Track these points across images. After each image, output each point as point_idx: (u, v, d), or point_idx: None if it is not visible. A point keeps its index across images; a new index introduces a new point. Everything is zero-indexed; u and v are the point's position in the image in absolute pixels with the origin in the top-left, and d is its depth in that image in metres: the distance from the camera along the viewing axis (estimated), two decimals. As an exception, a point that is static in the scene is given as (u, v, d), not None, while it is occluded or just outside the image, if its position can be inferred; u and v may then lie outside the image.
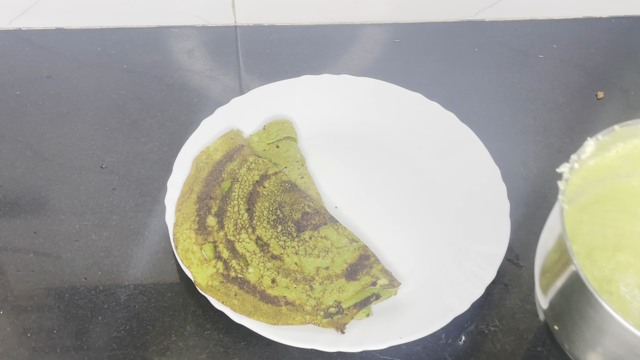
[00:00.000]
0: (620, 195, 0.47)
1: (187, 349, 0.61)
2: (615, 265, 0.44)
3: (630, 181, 0.47)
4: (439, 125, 0.79)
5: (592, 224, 0.46)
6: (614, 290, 0.43)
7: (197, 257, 0.65)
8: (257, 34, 0.95)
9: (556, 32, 0.98)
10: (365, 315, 0.63)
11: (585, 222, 0.46)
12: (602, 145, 0.45)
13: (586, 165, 0.45)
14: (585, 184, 0.46)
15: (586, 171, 0.45)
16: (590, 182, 0.46)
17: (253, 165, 0.73)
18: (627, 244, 0.45)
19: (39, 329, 0.62)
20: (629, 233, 0.45)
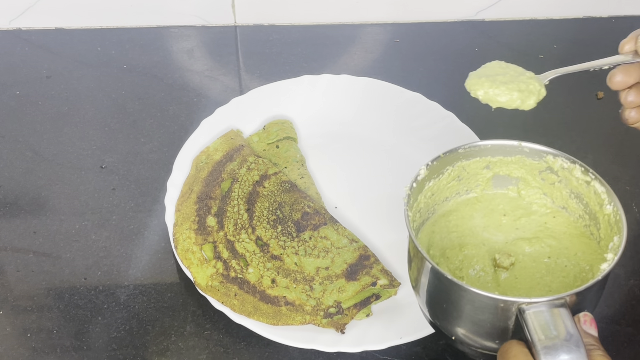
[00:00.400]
0: (459, 207, 0.59)
1: (187, 349, 0.61)
2: (463, 258, 0.56)
3: (468, 196, 0.60)
4: (439, 125, 0.79)
5: (441, 232, 0.58)
6: (464, 275, 0.55)
7: (197, 257, 0.65)
8: (257, 34, 0.95)
9: (556, 32, 0.98)
10: (365, 315, 0.63)
11: (437, 232, 0.58)
12: (434, 169, 0.56)
13: (427, 186, 0.56)
14: (435, 203, 0.58)
15: (430, 191, 0.56)
16: (439, 202, 0.58)
17: (253, 165, 0.73)
18: (469, 241, 0.57)
19: (38, 329, 0.62)
20: (467, 232, 0.57)
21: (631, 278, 0.68)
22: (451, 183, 0.58)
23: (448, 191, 0.59)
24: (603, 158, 0.80)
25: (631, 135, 0.83)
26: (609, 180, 0.77)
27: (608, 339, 0.62)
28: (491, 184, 0.60)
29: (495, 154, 0.58)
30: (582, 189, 0.55)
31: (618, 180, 0.76)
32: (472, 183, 0.59)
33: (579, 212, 0.57)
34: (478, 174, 0.59)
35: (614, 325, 0.63)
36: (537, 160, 0.57)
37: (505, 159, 0.58)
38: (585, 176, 0.55)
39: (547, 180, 0.58)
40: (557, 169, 0.57)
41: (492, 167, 0.58)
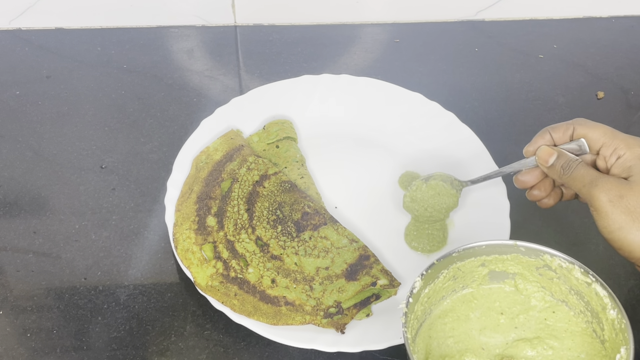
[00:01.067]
0: (455, 306, 0.58)
1: (187, 349, 0.61)
2: None
3: (464, 292, 0.59)
4: (439, 125, 0.79)
5: (438, 337, 0.56)
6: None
7: (197, 257, 0.65)
8: (257, 34, 0.95)
9: (556, 32, 0.98)
10: (365, 315, 0.63)
11: (433, 337, 0.56)
12: (428, 277, 0.55)
13: (423, 294, 0.55)
14: (431, 305, 0.57)
15: (426, 297, 0.55)
16: (435, 302, 0.57)
17: (253, 165, 0.73)
18: (467, 347, 0.55)
19: (38, 329, 0.62)
20: (464, 337, 0.56)
21: (631, 278, 0.68)
22: (447, 283, 0.57)
23: (444, 291, 0.58)
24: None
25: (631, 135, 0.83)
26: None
27: (608, 339, 0.62)
28: (487, 279, 0.59)
29: (490, 253, 0.57)
30: (583, 288, 0.55)
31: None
32: (467, 279, 0.58)
33: (580, 307, 0.56)
34: (474, 271, 0.58)
35: (614, 325, 0.63)
36: (533, 258, 0.56)
37: (500, 257, 0.57)
38: (586, 277, 0.54)
39: (545, 275, 0.57)
40: (555, 267, 0.56)
41: (488, 264, 0.58)
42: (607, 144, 0.60)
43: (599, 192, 0.56)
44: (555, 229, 0.72)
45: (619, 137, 0.59)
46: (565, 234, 0.71)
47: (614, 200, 0.55)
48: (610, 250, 0.67)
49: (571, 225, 0.72)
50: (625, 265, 0.68)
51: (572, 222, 0.72)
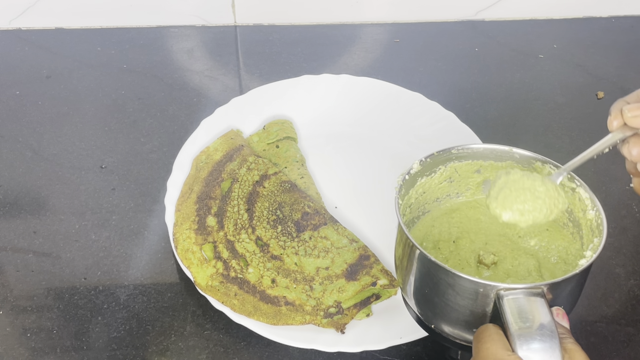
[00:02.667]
0: (460, 208, 0.60)
1: (187, 349, 0.61)
2: (453, 248, 0.58)
3: (460, 200, 0.61)
4: (439, 125, 0.78)
5: (441, 227, 0.59)
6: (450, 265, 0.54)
7: (197, 257, 0.65)
8: (257, 33, 0.95)
9: (556, 32, 0.98)
10: (365, 315, 0.63)
11: (436, 227, 0.59)
12: (427, 166, 0.57)
13: (418, 182, 0.57)
14: (425, 202, 0.59)
15: (421, 188, 0.58)
16: (429, 201, 0.60)
17: (253, 165, 0.73)
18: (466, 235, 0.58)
19: (38, 329, 0.62)
20: (469, 229, 0.59)
21: (631, 278, 0.68)
22: (443, 184, 0.59)
23: (439, 192, 0.60)
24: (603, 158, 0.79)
25: (631, 135, 0.83)
26: (609, 180, 0.77)
27: (608, 339, 0.62)
28: (481, 189, 0.60)
29: (487, 158, 0.58)
30: (567, 196, 0.56)
31: (618, 180, 0.76)
32: (462, 186, 0.60)
33: (564, 220, 0.57)
34: (469, 177, 0.59)
35: (614, 325, 0.63)
36: (526, 167, 0.58)
37: (496, 163, 0.58)
38: (571, 183, 0.55)
39: None
40: (545, 175, 0.57)
41: (483, 171, 0.59)
42: None
43: None
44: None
45: None
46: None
47: None
48: (610, 250, 0.67)
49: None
50: (626, 265, 0.68)
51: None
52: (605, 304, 0.65)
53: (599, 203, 0.53)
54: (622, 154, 0.56)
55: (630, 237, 0.71)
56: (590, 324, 0.63)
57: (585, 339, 0.62)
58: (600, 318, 0.64)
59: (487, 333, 0.44)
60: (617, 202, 0.74)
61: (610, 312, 0.64)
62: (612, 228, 0.71)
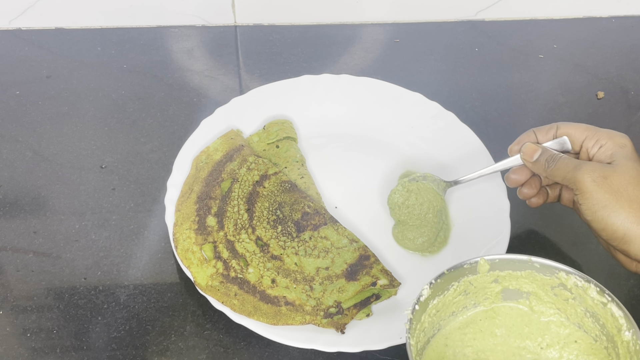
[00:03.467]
0: (474, 320, 0.57)
1: (187, 349, 0.61)
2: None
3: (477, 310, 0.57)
4: (439, 125, 0.78)
5: (454, 346, 0.55)
6: None
7: (197, 257, 0.65)
8: (257, 34, 0.95)
9: (556, 32, 0.98)
10: (365, 315, 0.63)
11: (449, 346, 0.55)
12: (437, 287, 0.53)
13: (431, 305, 0.53)
14: (440, 319, 0.56)
15: (434, 309, 0.54)
16: (444, 317, 0.56)
17: (253, 166, 0.73)
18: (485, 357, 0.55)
19: (38, 329, 0.62)
20: (484, 348, 0.55)
21: (631, 278, 0.68)
22: (457, 298, 0.56)
23: (454, 306, 0.56)
24: (603, 158, 0.80)
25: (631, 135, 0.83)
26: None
27: (608, 339, 0.62)
28: (501, 297, 0.57)
29: (504, 269, 0.55)
30: (598, 309, 0.53)
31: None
32: (480, 296, 0.57)
33: (595, 331, 0.54)
34: (486, 287, 0.56)
35: (614, 325, 0.63)
36: (548, 276, 0.55)
37: (514, 273, 0.55)
38: (601, 297, 0.52)
39: (560, 296, 0.55)
40: (571, 286, 0.54)
41: (501, 280, 0.56)
42: (590, 137, 0.62)
43: (582, 174, 0.57)
44: (555, 228, 0.72)
45: (600, 130, 0.62)
46: (565, 234, 0.71)
47: (597, 180, 0.56)
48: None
49: (571, 225, 0.72)
50: (625, 265, 0.68)
51: (572, 222, 0.72)
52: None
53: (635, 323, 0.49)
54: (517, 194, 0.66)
55: (630, 237, 0.70)
56: (590, 324, 0.63)
57: (585, 339, 0.62)
58: (600, 318, 0.63)
59: None
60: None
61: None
62: (612, 228, 0.71)
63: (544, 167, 0.61)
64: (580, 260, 0.70)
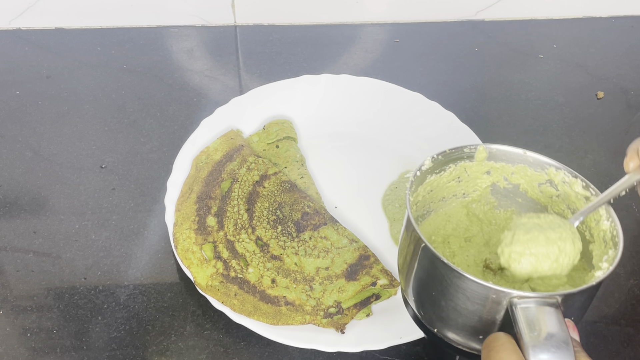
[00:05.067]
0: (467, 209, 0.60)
1: (187, 349, 0.61)
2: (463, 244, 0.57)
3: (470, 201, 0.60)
4: (439, 125, 0.79)
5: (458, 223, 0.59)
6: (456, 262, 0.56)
7: (197, 257, 0.65)
8: (257, 33, 0.95)
9: (556, 32, 0.98)
10: (365, 315, 0.63)
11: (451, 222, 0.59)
12: (438, 163, 0.56)
13: (427, 180, 0.56)
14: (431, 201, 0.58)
15: (429, 186, 0.57)
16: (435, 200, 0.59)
17: (253, 166, 0.73)
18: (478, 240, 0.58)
19: (38, 329, 0.62)
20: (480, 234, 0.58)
21: (631, 278, 0.68)
22: (450, 183, 0.58)
23: (446, 191, 0.58)
24: (603, 158, 0.80)
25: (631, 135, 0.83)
26: (609, 180, 0.77)
27: (608, 338, 0.62)
28: (489, 191, 0.59)
29: (499, 160, 0.57)
30: (580, 204, 0.55)
31: (618, 180, 0.76)
32: (470, 187, 0.59)
33: None
34: (478, 178, 0.58)
35: (614, 326, 0.63)
36: (539, 172, 0.56)
37: (507, 166, 0.57)
38: (586, 191, 0.54)
39: (545, 193, 0.57)
40: (558, 182, 0.56)
41: (493, 172, 0.58)
42: None
43: None
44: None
45: None
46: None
47: None
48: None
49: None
50: (625, 265, 0.68)
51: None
52: (605, 304, 0.65)
53: (615, 213, 0.51)
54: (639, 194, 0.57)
55: (630, 237, 0.71)
56: (590, 324, 0.63)
57: (585, 339, 0.62)
58: (600, 318, 0.64)
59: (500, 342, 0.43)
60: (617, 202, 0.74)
61: (610, 312, 0.64)
62: (612, 228, 0.71)
63: None
64: (580, 260, 0.70)
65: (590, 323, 0.63)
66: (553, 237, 0.50)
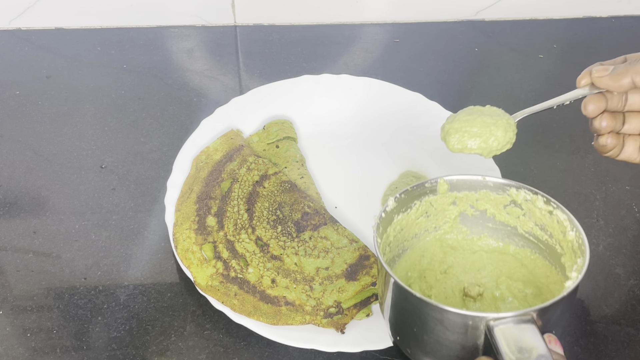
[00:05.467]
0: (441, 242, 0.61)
1: (187, 349, 0.61)
2: (440, 276, 0.58)
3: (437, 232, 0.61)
4: (439, 125, 0.78)
5: (432, 257, 0.60)
6: (433, 294, 0.57)
7: (197, 257, 0.65)
8: (257, 33, 0.95)
9: (556, 32, 0.98)
10: (365, 315, 0.63)
11: (426, 257, 0.60)
12: (402, 202, 0.57)
13: (395, 219, 0.57)
14: (404, 239, 0.59)
15: (399, 225, 0.57)
16: (408, 238, 0.59)
17: (253, 166, 0.73)
18: (455, 271, 0.59)
19: (38, 329, 0.62)
20: (456, 263, 0.60)
21: (631, 278, 0.68)
22: (420, 219, 0.59)
23: (417, 227, 0.59)
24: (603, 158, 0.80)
25: (631, 135, 0.83)
26: (609, 180, 0.77)
27: (608, 338, 0.62)
28: (458, 220, 0.61)
29: (461, 189, 0.58)
30: (546, 219, 0.56)
31: (618, 180, 0.76)
32: (440, 220, 0.60)
33: (544, 240, 0.57)
34: (445, 209, 0.60)
35: (614, 325, 0.63)
36: (501, 194, 0.58)
37: (470, 194, 0.58)
38: (548, 206, 0.55)
39: (512, 214, 0.59)
40: (521, 201, 0.57)
41: (459, 202, 0.59)
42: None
43: None
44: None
45: None
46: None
47: None
48: (610, 250, 0.67)
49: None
50: (625, 265, 0.68)
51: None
52: (605, 304, 0.65)
53: (578, 223, 0.53)
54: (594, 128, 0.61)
55: (630, 237, 0.71)
56: (590, 324, 0.63)
57: (585, 339, 0.62)
58: (600, 318, 0.64)
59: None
60: (617, 202, 0.74)
61: (610, 312, 0.64)
62: (612, 228, 0.71)
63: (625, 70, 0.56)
64: (580, 260, 0.70)
65: (590, 323, 0.63)
66: (488, 122, 0.58)
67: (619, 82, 0.57)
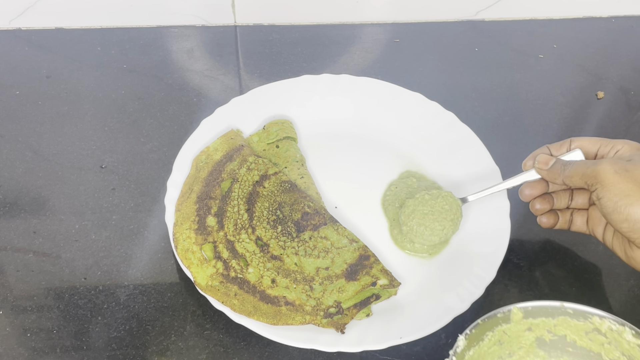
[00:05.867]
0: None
1: (187, 349, 0.61)
2: None
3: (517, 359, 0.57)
4: (439, 125, 0.79)
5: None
6: None
7: (197, 257, 0.65)
8: (257, 33, 0.95)
9: (556, 32, 0.98)
10: (365, 315, 0.63)
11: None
12: (473, 337, 0.53)
13: (467, 356, 0.53)
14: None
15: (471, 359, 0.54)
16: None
17: (253, 165, 0.73)
18: None
19: (38, 329, 0.62)
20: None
21: (631, 278, 0.68)
22: (492, 348, 0.55)
23: (489, 357, 0.56)
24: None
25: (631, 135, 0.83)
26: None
27: (608, 339, 0.62)
28: (535, 346, 0.57)
29: (537, 316, 0.55)
30: (635, 352, 0.52)
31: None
32: (514, 346, 0.56)
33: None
34: (520, 336, 0.56)
35: (614, 325, 0.63)
36: (582, 322, 0.55)
37: (548, 320, 0.55)
38: (637, 340, 0.52)
39: (595, 341, 0.55)
40: (605, 330, 0.54)
41: (535, 328, 0.56)
42: (604, 144, 0.62)
43: (604, 166, 0.57)
44: (555, 229, 0.72)
45: (614, 140, 0.62)
46: (565, 234, 0.71)
47: (619, 171, 0.56)
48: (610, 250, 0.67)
49: (571, 225, 0.72)
50: (626, 265, 0.68)
51: (572, 222, 0.72)
52: (606, 304, 0.65)
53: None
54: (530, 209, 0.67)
55: (630, 237, 0.71)
56: (590, 324, 0.63)
57: (585, 339, 0.62)
58: (600, 318, 0.63)
59: None
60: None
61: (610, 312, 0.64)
62: (612, 228, 0.71)
63: (561, 171, 0.61)
64: (580, 261, 0.70)
65: (590, 323, 0.63)
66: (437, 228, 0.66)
67: (555, 180, 0.63)
